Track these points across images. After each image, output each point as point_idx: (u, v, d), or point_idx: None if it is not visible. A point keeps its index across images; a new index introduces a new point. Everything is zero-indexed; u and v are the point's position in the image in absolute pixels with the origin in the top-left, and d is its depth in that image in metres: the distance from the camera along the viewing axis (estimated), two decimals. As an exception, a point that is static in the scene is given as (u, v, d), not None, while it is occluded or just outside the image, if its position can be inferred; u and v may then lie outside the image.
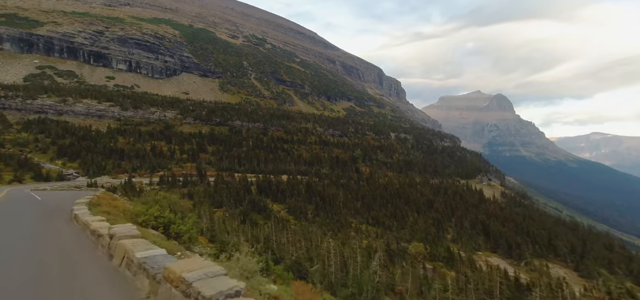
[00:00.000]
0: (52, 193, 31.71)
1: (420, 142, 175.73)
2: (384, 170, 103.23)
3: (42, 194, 29.90)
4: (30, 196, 26.26)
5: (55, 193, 31.76)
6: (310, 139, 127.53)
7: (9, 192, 34.61)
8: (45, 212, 16.16)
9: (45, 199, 23.10)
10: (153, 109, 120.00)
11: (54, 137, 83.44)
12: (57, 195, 27.86)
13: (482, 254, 42.60)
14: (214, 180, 70.64)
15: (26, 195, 27.07)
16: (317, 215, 47.83)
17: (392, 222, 46.96)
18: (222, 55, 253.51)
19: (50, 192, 33.73)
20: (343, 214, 47.04)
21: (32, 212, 16.50)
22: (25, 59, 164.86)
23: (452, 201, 61.04)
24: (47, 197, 26.09)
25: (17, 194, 32.19)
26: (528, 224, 52.71)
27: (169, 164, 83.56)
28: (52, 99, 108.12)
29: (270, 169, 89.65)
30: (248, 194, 57.61)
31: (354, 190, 57.17)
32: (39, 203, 20.98)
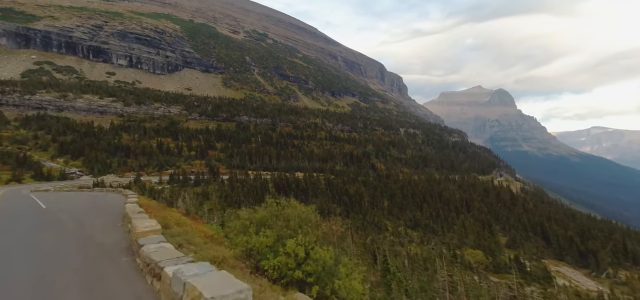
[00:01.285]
0: (58, 196, 25.85)
1: (430, 138, 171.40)
2: (400, 166, 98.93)
3: (45, 197, 24.00)
4: (31, 202, 20.20)
5: (61, 196, 25.72)
6: (320, 135, 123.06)
7: (5, 194, 28.64)
8: (61, 236, 9.64)
9: (52, 207, 17.13)
10: (157, 104, 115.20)
11: (54, 133, 78.71)
12: (66, 199, 21.80)
13: (549, 263, 37.73)
14: (227, 178, 66.24)
15: (26, 201, 21.10)
16: (346, 217, 43.49)
17: (434, 224, 41.97)
18: (224, 50, 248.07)
19: (54, 194, 28.08)
20: (374, 214, 42.47)
21: (37, 236, 9.77)
22: (23, 55, 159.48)
23: (485, 199, 56.19)
24: (52, 201, 19.90)
25: (14, 196, 26.19)
26: (590, 225, 47.00)
27: (177, 161, 79.04)
28: (51, 95, 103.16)
29: (283, 166, 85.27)
30: (266, 193, 53.32)
31: (378, 188, 52.50)
32: (45, 214, 14.63)
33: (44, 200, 20.79)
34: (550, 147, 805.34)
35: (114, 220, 11.60)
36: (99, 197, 23.36)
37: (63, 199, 21.65)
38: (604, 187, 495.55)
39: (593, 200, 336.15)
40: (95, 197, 23.36)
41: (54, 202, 19.48)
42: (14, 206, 18.54)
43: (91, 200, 20.18)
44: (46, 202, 19.21)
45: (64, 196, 25.01)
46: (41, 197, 23.74)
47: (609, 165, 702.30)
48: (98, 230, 9.99)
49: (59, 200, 20.72)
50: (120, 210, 13.07)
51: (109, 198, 21.39)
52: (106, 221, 11.60)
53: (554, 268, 35.85)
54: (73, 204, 18.42)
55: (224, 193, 52.39)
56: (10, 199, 23.65)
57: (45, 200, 20.84)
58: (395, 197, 49.21)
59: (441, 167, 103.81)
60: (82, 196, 24.69)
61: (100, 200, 20.43)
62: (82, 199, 21.31)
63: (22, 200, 22.35)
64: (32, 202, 20.05)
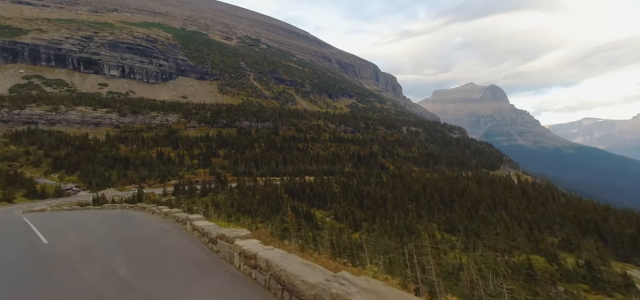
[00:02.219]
0: (59, 218, 19.13)
1: (432, 135, 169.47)
2: (409, 165, 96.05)
3: (42, 220, 17.67)
4: (24, 230, 13.85)
5: (64, 218, 19.04)
6: (324, 137, 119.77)
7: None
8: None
9: (57, 240, 10.82)
10: (154, 113, 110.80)
11: (47, 148, 74.00)
12: (72, 223, 15.34)
13: (616, 266, 33.82)
14: (235, 186, 62.44)
15: (17, 228, 14.92)
16: (372, 222, 39.78)
17: (473, 226, 37.99)
18: (218, 56, 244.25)
19: (55, 216, 21.69)
20: (402, 218, 38.80)
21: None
22: (10, 69, 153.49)
23: (512, 195, 52.71)
24: (56, 229, 13.49)
25: (1, 221, 20.25)
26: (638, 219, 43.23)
27: (180, 171, 74.93)
28: (42, 108, 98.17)
29: (291, 170, 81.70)
30: (280, 200, 49.68)
31: (397, 188, 49.04)
32: (48, 260, 7.89)
33: (43, 225, 14.48)
34: (545, 140, 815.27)
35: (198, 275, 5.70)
36: (115, 216, 16.70)
37: (69, 223, 15.31)
38: (599, 176, 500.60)
39: (590, 190, 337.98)
40: (111, 217, 16.82)
41: (58, 230, 12.91)
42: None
43: (111, 224, 13.97)
44: (46, 230, 12.68)
45: (68, 218, 18.15)
46: (38, 220, 17.21)
47: (602, 155, 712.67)
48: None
49: (64, 226, 14.39)
50: (191, 252, 7.28)
51: (137, 221, 14.01)
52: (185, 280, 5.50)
53: (628, 272, 32.09)
54: (87, 233, 11.96)
55: (235, 201, 48.63)
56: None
57: (44, 225, 14.52)
58: (419, 198, 45.83)
59: (451, 164, 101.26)
60: (91, 217, 17.60)
61: (125, 223, 13.87)
62: (95, 223, 14.50)
63: (11, 227, 16.09)
64: (26, 229, 13.69)
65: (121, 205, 24.91)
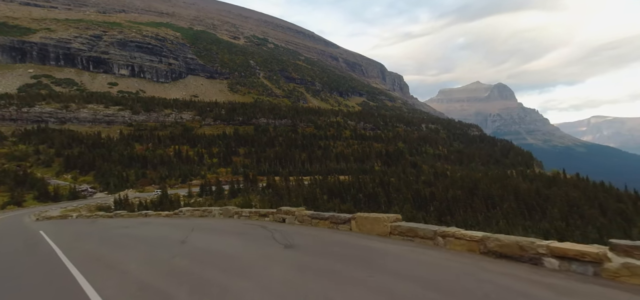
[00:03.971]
0: (105, 234, 11.57)
1: (452, 132, 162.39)
2: (441, 163, 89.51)
3: (74, 239, 10.93)
4: (45, 263, 7.12)
5: (123, 238, 10.37)
6: (345, 134, 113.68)
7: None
8: None
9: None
10: (167, 111, 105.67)
11: (58, 147, 68.85)
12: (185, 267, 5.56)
13: None
14: (264, 186, 56.51)
15: (32, 258, 8.29)
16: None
17: (593, 234, 30.91)
18: (227, 55, 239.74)
19: (91, 230, 13.51)
20: (490, 225, 32.18)
21: None
22: (19, 69, 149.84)
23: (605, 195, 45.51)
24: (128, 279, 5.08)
25: (7, 237, 14.08)
26: None
27: (200, 170, 69.28)
28: (52, 106, 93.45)
29: (318, 168, 75.66)
30: (319, 201, 43.72)
31: (463, 188, 42.32)
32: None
33: (84, 259, 6.99)
34: (554, 138, 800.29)
35: None
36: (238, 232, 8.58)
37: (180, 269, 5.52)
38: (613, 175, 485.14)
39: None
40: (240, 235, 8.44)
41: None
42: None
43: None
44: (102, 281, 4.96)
45: (140, 242, 9.31)
46: (65, 240, 9.98)
47: (614, 153, 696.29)
48: None
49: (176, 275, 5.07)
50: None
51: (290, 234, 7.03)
52: None
53: None
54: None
55: (271, 203, 42.64)
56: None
57: (86, 259, 7.07)
58: (491, 200, 39.08)
59: (487, 161, 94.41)
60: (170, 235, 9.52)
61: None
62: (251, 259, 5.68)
63: (20, 252, 9.52)
64: (49, 262, 7.09)
65: (176, 212, 15.72)
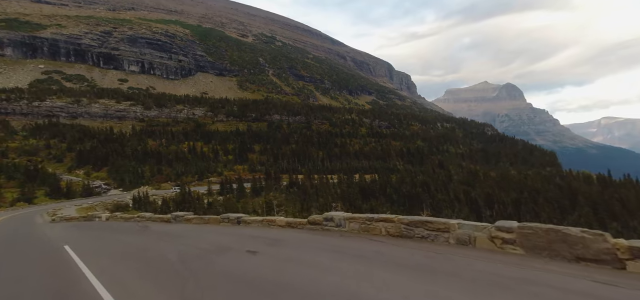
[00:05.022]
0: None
1: (469, 131, 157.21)
2: (467, 162, 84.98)
3: (134, 273, 5.65)
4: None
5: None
6: (361, 131, 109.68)
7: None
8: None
9: None
10: (179, 106, 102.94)
11: (70, 141, 66.24)
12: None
13: None
14: (286, 184, 52.96)
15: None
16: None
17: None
18: (236, 52, 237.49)
19: (142, 245, 8.64)
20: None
21: None
22: (29, 65, 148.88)
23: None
24: None
25: (13, 251, 9.79)
26: None
27: (216, 166, 66.01)
28: (63, 100, 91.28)
29: (338, 166, 71.90)
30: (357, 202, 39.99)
31: (523, 191, 37.58)
32: None
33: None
34: (565, 139, 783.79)
35: None
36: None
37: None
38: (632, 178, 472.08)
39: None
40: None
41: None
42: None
43: None
44: None
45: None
46: (127, 280, 5.11)
47: (627, 155, 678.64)
48: None
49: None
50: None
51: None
52: None
53: None
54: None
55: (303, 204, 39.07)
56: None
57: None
58: (559, 204, 34.43)
59: (515, 161, 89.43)
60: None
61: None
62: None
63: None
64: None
65: (237, 219, 10.68)
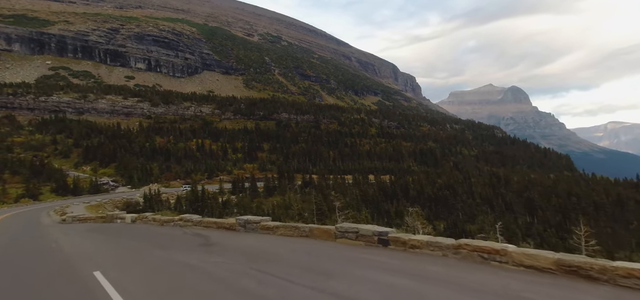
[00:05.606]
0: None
1: (479, 133, 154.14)
2: (482, 164, 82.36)
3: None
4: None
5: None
6: (371, 131, 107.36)
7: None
8: None
9: None
10: (187, 103, 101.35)
11: (76, 136, 64.76)
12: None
13: None
14: (300, 184, 50.83)
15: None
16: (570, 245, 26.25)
17: None
18: (242, 51, 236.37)
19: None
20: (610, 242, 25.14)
21: None
22: (37, 61, 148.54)
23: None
24: None
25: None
26: None
27: (226, 165, 64.12)
28: (70, 96, 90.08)
29: (350, 166, 69.72)
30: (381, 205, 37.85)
31: (558, 196, 34.93)
32: None
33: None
34: (571, 143, 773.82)
35: None
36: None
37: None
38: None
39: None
40: None
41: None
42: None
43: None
44: None
45: None
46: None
47: (635, 159, 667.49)
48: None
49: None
50: None
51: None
52: None
53: None
54: None
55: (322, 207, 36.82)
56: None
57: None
58: (603, 209, 31.59)
59: (532, 164, 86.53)
60: None
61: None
62: None
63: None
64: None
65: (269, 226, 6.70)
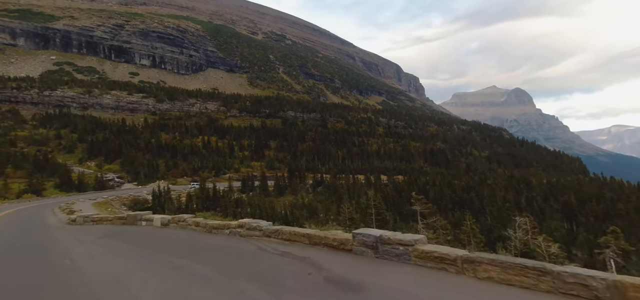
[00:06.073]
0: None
1: (487, 135, 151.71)
2: (494, 166, 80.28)
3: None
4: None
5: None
6: (379, 131, 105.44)
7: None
8: None
9: None
10: (192, 100, 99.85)
11: (81, 131, 63.36)
12: None
13: None
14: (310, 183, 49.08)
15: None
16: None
17: None
18: (247, 49, 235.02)
19: None
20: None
21: None
22: (41, 55, 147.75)
23: None
24: None
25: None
26: None
27: (233, 163, 62.48)
28: (74, 90, 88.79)
29: (360, 166, 67.94)
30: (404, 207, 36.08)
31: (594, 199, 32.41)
32: None
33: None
34: (575, 146, 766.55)
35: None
36: None
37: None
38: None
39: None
40: None
41: None
42: None
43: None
44: None
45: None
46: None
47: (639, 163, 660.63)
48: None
49: None
50: None
51: None
52: None
53: None
54: None
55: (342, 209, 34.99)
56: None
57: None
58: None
59: (546, 167, 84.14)
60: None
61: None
62: None
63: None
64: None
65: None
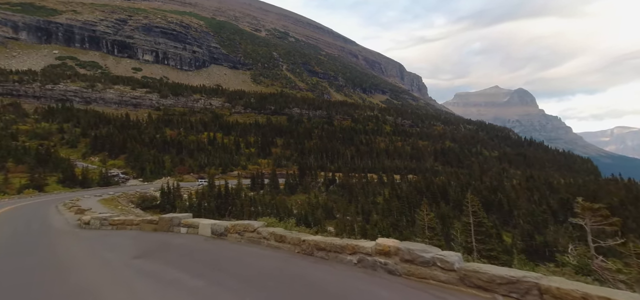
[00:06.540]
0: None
1: (494, 135, 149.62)
2: (505, 166, 78.36)
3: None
4: None
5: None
6: (386, 129, 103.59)
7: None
8: None
9: None
10: (196, 96, 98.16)
11: (84, 126, 61.71)
12: None
13: None
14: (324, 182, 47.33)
15: None
16: None
17: None
18: (250, 46, 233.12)
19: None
20: None
21: None
22: (44, 50, 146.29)
23: None
24: None
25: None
26: None
27: (240, 159, 60.81)
28: (77, 85, 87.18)
29: (370, 165, 66.21)
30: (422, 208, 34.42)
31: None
32: None
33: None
34: (578, 148, 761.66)
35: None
36: None
37: None
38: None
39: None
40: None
41: None
42: None
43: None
44: None
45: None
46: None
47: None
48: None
49: None
50: None
51: None
52: None
53: None
54: None
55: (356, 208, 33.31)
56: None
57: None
58: None
59: (559, 168, 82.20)
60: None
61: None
62: None
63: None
64: None
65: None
